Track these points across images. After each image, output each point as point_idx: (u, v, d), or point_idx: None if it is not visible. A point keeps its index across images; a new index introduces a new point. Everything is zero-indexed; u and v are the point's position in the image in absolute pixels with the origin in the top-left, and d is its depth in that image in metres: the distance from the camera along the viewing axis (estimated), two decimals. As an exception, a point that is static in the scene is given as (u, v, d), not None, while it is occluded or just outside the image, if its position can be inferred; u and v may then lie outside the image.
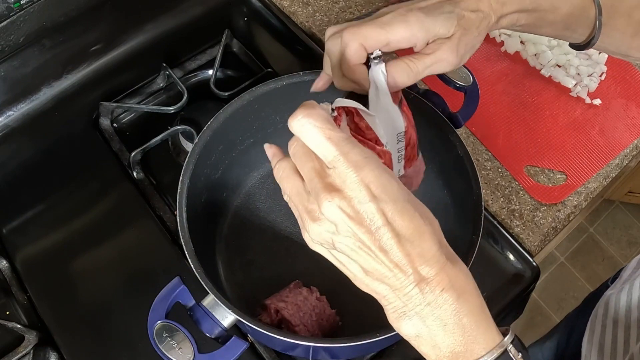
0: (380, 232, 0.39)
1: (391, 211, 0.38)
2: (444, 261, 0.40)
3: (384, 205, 0.38)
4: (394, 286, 0.40)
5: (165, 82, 0.90)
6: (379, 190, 0.38)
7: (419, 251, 0.39)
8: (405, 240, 0.39)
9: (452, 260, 0.40)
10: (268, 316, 0.66)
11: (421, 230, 0.39)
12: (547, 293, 1.84)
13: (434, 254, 0.39)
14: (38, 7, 0.79)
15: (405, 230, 0.39)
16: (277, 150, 0.47)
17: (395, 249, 0.39)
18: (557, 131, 0.86)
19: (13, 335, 0.69)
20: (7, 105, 0.83)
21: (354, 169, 0.38)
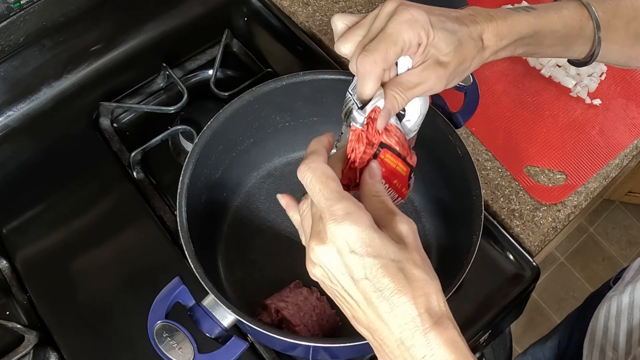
0: (361, 285, 0.40)
1: (370, 267, 0.39)
2: (428, 326, 0.39)
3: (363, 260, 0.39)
4: (379, 339, 0.41)
5: (165, 82, 0.90)
6: (357, 245, 0.39)
7: (398, 313, 0.39)
8: (383, 297, 0.39)
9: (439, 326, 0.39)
10: (268, 316, 0.66)
11: (403, 290, 0.39)
12: (547, 293, 1.84)
13: (415, 319, 0.39)
14: (38, 7, 0.79)
15: (385, 287, 0.39)
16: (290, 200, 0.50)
17: (375, 305, 0.39)
18: (557, 131, 0.86)
19: (13, 335, 0.69)
20: (7, 105, 0.83)
21: (335, 222, 0.40)
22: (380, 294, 0.39)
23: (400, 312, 0.39)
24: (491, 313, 0.72)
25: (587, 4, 0.56)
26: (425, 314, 0.39)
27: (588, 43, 0.57)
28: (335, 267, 0.41)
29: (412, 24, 0.46)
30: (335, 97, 0.73)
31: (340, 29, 0.50)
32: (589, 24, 0.56)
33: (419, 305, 0.39)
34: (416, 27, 0.46)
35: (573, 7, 0.56)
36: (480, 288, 0.73)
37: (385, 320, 0.39)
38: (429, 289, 0.40)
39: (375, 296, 0.39)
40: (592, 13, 0.56)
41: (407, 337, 0.39)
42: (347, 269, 0.40)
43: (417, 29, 0.46)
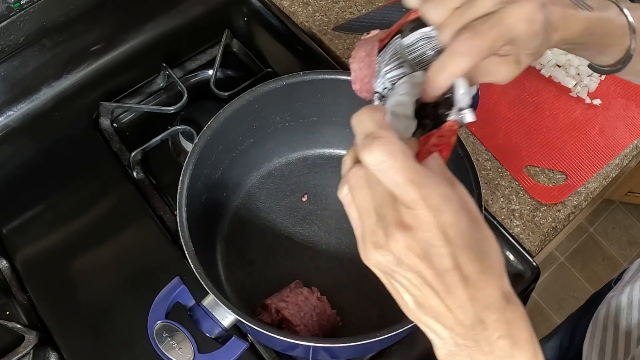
0: (448, 275, 0.37)
1: (462, 255, 0.36)
2: (503, 306, 0.38)
3: (456, 250, 0.36)
4: (449, 326, 0.38)
5: (165, 82, 0.90)
6: (455, 235, 0.36)
7: (482, 296, 0.37)
8: (471, 285, 0.37)
9: (512, 304, 0.38)
10: (269, 316, 0.66)
11: (488, 274, 0.37)
12: (547, 293, 1.84)
13: (496, 300, 0.38)
14: (38, 7, 0.79)
15: (473, 275, 0.37)
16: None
17: (461, 292, 0.37)
18: (557, 131, 0.86)
19: (13, 335, 0.69)
20: (7, 105, 0.83)
21: (434, 213, 0.35)
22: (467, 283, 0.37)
23: (484, 295, 0.37)
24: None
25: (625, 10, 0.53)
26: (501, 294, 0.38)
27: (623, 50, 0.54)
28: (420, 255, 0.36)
29: (531, 24, 0.41)
30: (335, 97, 0.73)
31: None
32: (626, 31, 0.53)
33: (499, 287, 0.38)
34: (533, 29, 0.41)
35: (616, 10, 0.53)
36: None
37: (465, 306, 0.37)
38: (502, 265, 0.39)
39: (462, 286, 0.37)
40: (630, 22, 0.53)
41: (487, 318, 0.38)
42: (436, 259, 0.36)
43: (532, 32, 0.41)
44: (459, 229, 0.36)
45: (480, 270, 0.37)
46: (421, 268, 0.36)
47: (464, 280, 0.37)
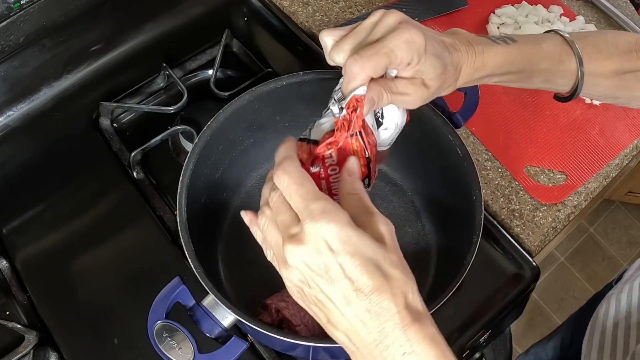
0: (339, 285, 0.40)
1: (349, 265, 0.39)
2: (407, 323, 0.39)
3: (341, 259, 0.39)
4: (356, 342, 0.41)
5: (165, 82, 0.90)
6: (337, 244, 0.39)
7: (378, 310, 0.39)
8: (363, 295, 0.39)
9: (418, 322, 0.40)
10: (269, 316, 0.66)
11: (382, 288, 0.39)
12: (547, 293, 1.84)
13: (394, 316, 0.39)
14: (38, 7, 0.79)
15: (363, 286, 0.39)
16: (253, 215, 0.51)
17: (354, 303, 0.39)
18: (557, 131, 0.86)
19: (13, 335, 0.69)
20: (7, 105, 0.83)
21: (314, 221, 0.40)
22: (359, 293, 0.39)
23: (380, 309, 0.39)
24: (491, 313, 0.72)
25: (569, 39, 0.57)
26: (404, 311, 0.39)
27: (570, 77, 0.58)
28: (314, 267, 0.40)
29: (409, 45, 0.47)
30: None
31: (331, 45, 0.50)
32: (571, 59, 0.57)
33: (398, 303, 0.39)
34: (412, 49, 0.47)
35: (553, 41, 0.57)
36: (480, 288, 0.73)
37: (364, 320, 0.39)
38: (407, 288, 0.40)
39: (353, 295, 0.39)
40: (575, 49, 0.57)
41: (387, 335, 0.39)
42: (325, 269, 0.40)
43: (412, 51, 0.47)
44: (340, 237, 0.39)
45: (373, 283, 0.39)
46: (315, 279, 0.40)
47: (356, 290, 0.39)
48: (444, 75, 0.51)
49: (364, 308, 0.39)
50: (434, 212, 0.76)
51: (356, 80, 0.47)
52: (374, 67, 0.47)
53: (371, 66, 0.47)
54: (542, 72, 0.57)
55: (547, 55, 0.56)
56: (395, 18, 0.48)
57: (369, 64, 0.47)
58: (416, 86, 0.50)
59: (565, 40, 0.57)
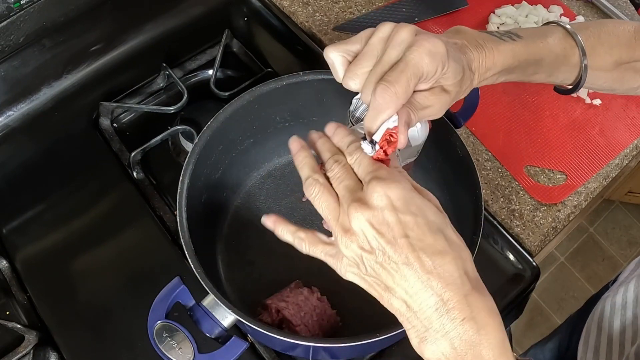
0: (400, 243, 0.39)
1: (411, 224, 0.40)
2: (467, 289, 0.39)
3: (403, 217, 0.40)
4: (414, 307, 0.40)
5: (165, 82, 0.90)
6: (399, 203, 0.40)
7: (440, 272, 0.39)
8: (426, 256, 0.39)
9: (478, 292, 0.40)
10: (269, 316, 0.66)
11: (443, 251, 0.39)
12: (547, 293, 1.84)
13: (456, 280, 0.39)
14: (38, 7, 0.79)
15: (426, 246, 0.39)
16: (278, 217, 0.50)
17: (416, 264, 0.39)
18: (557, 131, 0.86)
19: (13, 335, 0.69)
20: (7, 105, 0.83)
21: (380, 181, 0.41)
22: (421, 253, 0.39)
23: (442, 272, 0.39)
24: (491, 313, 0.72)
25: (572, 31, 0.56)
26: (464, 276, 0.39)
27: (573, 70, 0.58)
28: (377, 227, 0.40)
29: (433, 57, 0.45)
30: (335, 97, 0.73)
31: (339, 62, 0.48)
32: (574, 52, 0.56)
33: (460, 268, 0.39)
34: (437, 59, 0.45)
35: (557, 34, 0.56)
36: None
37: (424, 282, 0.39)
38: (466, 255, 0.41)
39: (415, 256, 0.39)
40: (578, 41, 0.56)
41: (448, 299, 0.39)
42: (389, 228, 0.40)
43: (437, 62, 0.45)
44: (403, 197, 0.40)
45: (436, 244, 0.39)
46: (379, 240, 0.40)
47: (418, 251, 0.39)
48: (463, 79, 0.49)
49: (425, 270, 0.39)
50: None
51: (388, 110, 0.44)
52: (405, 91, 0.44)
53: (403, 91, 0.44)
54: (547, 67, 0.56)
55: (552, 49, 0.55)
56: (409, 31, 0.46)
57: (400, 89, 0.44)
58: (437, 95, 0.48)
59: (568, 32, 0.57)
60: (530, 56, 0.54)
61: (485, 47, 0.51)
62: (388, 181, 0.40)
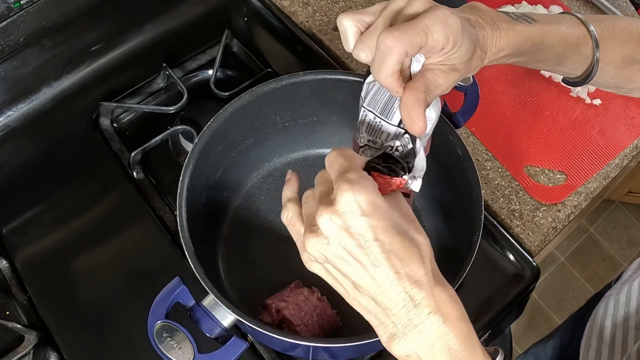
0: (369, 247, 0.41)
1: (380, 228, 0.41)
2: (432, 284, 0.42)
3: (373, 222, 0.41)
4: (382, 304, 0.42)
5: (165, 82, 0.90)
6: (368, 208, 0.41)
7: (408, 271, 0.41)
8: (394, 258, 0.41)
9: (440, 284, 0.42)
10: (269, 316, 0.66)
11: (410, 250, 0.41)
12: (547, 293, 1.84)
13: (422, 276, 0.41)
14: (38, 7, 0.79)
15: (394, 248, 0.41)
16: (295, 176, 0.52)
17: (385, 265, 0.41)
18: (557, 131, 0.86)
19: (13, 335, 0.69)
20: (7, 105, 0.83)
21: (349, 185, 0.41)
22: (389, 255, 0.41)
23: (409, 271, 0.41)
24: (491, 313, 0.72)
25: (585, 21, 0.55)
26: (430, 273, 0.42)
27: (584, 61, 0.57)
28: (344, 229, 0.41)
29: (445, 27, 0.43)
30: (335, 97, 0.73)
31: (352, 31, 0.46)
32: (587, 43, 0.55)
33: (425, 265, 0.42)
34: (447, 31, 0.43)
35: (572, 23, 0.55)
36: (480, 288, 0.73)
37: (393, 281, 0.41)
38: (430, 253, 0.43)
39: (384, 257, 0.41)
40: (592, 32, 0.55)
41: (414, 296, 0.41)
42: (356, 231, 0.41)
43: (448, 33, 0.44)
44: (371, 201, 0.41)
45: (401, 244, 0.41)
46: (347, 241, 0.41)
47: (386, 252, 0.41)
48: (474, 57, 0.48)
49: (394, 270, 0.41)
50: (434, 212, 0.76)
51: (392, 55, 0.43)
52: (410, 41, 0.42)
53: (407, 40, 0.42)
54: (558, 55, 0.55)
55: (565, 37, 0.54)
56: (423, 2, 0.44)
57: (405, 36, 0.42)
58: (447, 74, 0.47)
59: (582, 22, 0.55)
60: (543, 41, 0.53)
61: (500, 27, 0.49)
62: (356, 185, 0.41)
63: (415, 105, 0.45)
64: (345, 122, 0.76)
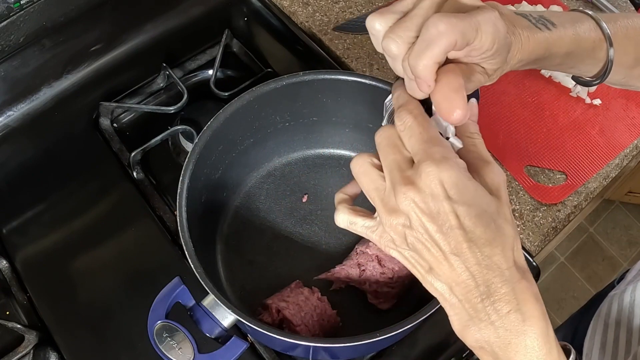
0: (451, 234, 0.38)
1: (464, 215, 0.38)
2: (516, 279, 0.39)
3: (457, 207, 0.38)
4: (460, 294, 0.40)
5: (165, 82, 0.90)
6: (453, 191, 0.38)
7: (490, 263, 0.38)
8: (476, 248, 0.38)
9: (525, 280, 0.39)
10: (269, 316, 0.66)
11: (495, 241, 0.38)
12: (547, 293, 1.84)
13: (504, 272, 0.39)
14: (38, 7, 0.79)
15: (477, 237, 0.38)
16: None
17: (466, 255, 0.38)
18: (557, 131, 0.86)
19: (13, 335, 0.69)
20: (7, 105, 0.83)
21: (433, 164, 0.38)
22: (471, 244, 0.38)
23: (490, 263, 0.38)
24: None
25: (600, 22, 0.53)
26: (513, 267, 0.39)
27: (597, 64, 0.55)
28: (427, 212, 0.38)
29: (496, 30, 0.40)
30: (336, 97, 0.73)
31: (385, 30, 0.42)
32: (602, 46, 0.54)
33: (508, 259, 0.39)
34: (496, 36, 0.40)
35: (588, 25, 0.53)
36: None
37: (474, 273, 0.38)
38: (516, 244, 0.40)
39: (466, 246, 0.38)
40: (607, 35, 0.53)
41: (495, 291, 0.38)
42: (439, 215, 0.38)
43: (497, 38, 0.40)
44: (456, 184, 0.38)
45: (486, 236, 0.38)
46: (428, 226, 0.38)
47: (469, 242, 0.38)
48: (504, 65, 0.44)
49: (475, 261, 0.38)
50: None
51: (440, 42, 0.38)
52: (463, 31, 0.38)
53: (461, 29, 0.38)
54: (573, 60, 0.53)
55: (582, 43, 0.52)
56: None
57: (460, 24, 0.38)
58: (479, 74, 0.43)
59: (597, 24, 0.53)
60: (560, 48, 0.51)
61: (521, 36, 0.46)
62: (442, 164, 0.38)
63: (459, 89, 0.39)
64: (345, 122, 0.76)
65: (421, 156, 0.39)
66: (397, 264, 0.69)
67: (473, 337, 0.40)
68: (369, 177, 0.42)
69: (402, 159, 0.40)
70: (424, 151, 0.39)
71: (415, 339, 0.69)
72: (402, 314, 0.70)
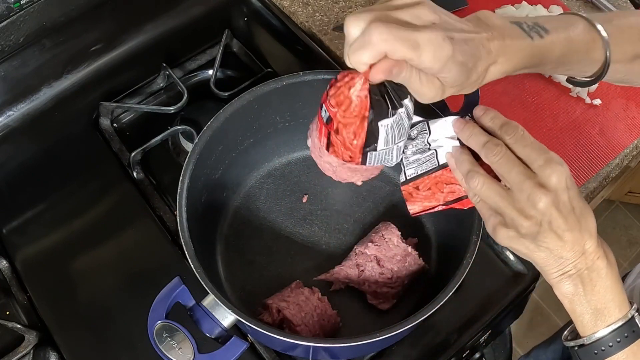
0: (570, 216, 0.48)
1: (574, 197, 0.48)
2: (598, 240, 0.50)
3: (571, 193, 0.48)
4: (559, 254, 0.49)
5: (165, 82, 0.90)
6: (569, 182, 0.48)
7: (587, 227, 0.49)
8: (583, 220, 0.49)
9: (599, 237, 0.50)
10: (270, 316, 0.66)
11: (589, 210, 0.50)
12: (547, 293, 1.83)
13: (593, 232, 0.49)
14: (38, 7, 0.79)
15: (579, 212, 0.49)
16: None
17: (576, 230, 0.48)
18: (557, 131, 0.86)
19: (13, 335, 0.69)
20: (7, 105, 0.83)
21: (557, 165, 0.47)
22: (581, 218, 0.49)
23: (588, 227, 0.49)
24: (491, 313, 0.72)
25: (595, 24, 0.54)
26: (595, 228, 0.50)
27: (595, 65, 0.56)
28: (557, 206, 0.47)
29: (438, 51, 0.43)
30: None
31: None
32: (598, 47, 0.54)
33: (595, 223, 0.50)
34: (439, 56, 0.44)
35: (582, 28, 0.54)
36: (480, 288, 0.73)
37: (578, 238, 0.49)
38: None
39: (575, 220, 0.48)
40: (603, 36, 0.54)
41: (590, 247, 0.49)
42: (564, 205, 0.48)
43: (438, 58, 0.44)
44: (570, 177, 0.48)
45: (585, 207, 0.50)
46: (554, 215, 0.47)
47: (578, 217, 0.49)
48: (467, 81, 0.48)
49: (581, 229, 0.49)
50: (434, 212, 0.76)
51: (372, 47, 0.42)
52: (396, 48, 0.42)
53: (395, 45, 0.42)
54: (567, 63, 0.55)
55: (576, 45, 0.53)
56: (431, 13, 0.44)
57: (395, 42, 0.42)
58: (434, 85, 0.47)
59: (591, 25, 0.54)
60: (553, 53, 0.52)
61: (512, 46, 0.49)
62: (561, 163, 0.48)
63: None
64: (345, 122, 0.76)
65: (545, 159, 0.48)
66: (395, 264, 0.69)
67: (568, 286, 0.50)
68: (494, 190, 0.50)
69: (524, 169, 0.49)
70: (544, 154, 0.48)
71: (415, 339, 0.69)
72: (402, 314, 0.70)
